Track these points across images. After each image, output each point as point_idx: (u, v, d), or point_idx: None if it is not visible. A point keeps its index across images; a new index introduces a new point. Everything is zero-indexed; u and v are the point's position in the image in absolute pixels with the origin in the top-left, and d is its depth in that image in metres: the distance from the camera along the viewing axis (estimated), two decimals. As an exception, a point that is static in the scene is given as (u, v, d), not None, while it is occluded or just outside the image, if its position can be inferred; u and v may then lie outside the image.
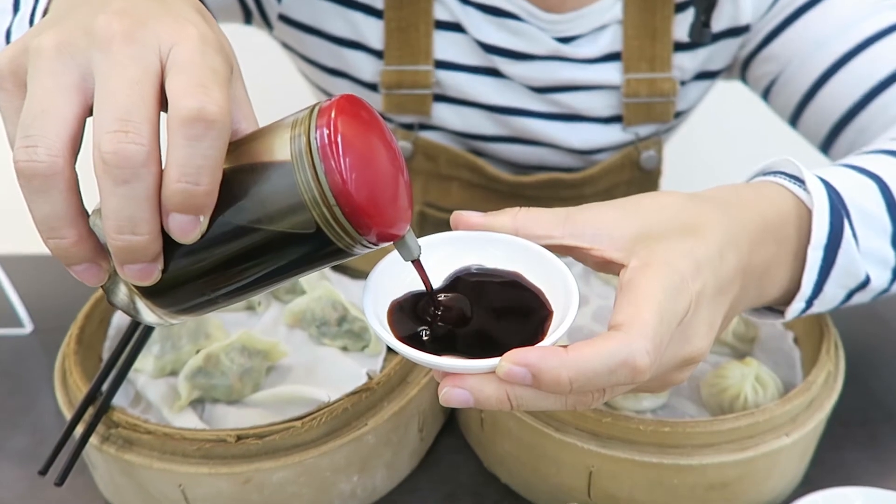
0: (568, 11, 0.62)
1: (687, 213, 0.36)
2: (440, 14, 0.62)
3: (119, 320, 0.55)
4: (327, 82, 0.68)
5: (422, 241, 0.34)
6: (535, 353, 0.29)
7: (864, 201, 0.43)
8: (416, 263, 0.33)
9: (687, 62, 0.64)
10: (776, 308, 0.44)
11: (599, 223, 0.35)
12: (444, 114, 0.66)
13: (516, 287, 0.34)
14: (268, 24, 0.66)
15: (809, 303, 0.42)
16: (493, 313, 0.34)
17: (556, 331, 0.31)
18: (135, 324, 0.50)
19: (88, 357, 0.51)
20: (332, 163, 0.27)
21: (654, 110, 0.65)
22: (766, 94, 0.65)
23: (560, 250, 0.35)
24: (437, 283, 0.35)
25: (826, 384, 0.45)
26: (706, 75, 0.66)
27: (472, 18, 0.62)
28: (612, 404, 0.47)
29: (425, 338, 0.33)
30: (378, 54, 0.63)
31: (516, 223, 0.35)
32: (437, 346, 0.32)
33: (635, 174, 0.69)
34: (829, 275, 0.41)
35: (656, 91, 0.64)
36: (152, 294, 0.31)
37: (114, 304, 0.33)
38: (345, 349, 0.53)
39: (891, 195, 0.44)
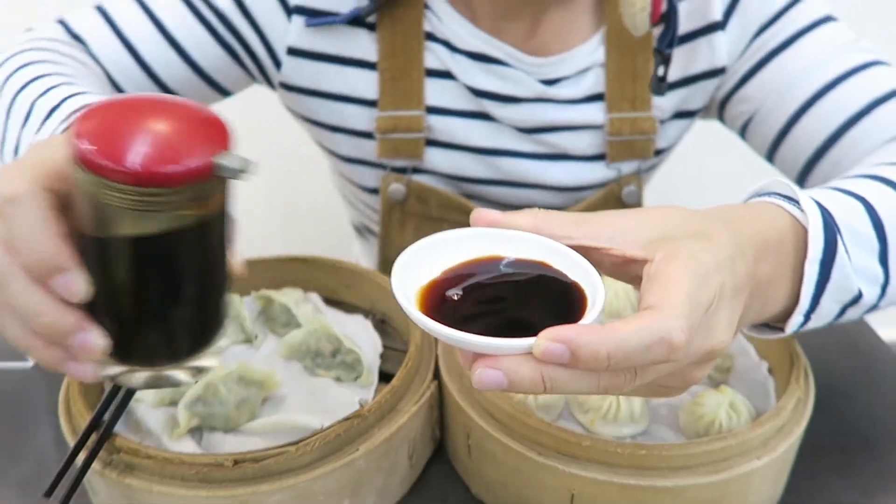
0: (552, 55, 0.66)
1: (697, 222, 0.37)
2: (430, 63, 0.66)
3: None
4: (327, 138, 0.72)
5: (447, 234, 0.36)
6: (573, 329, 0.30)
7: (853, 221, 0.46)
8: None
9: (665, 102, 0.68)
10: (774, 325, 0.46)
11: (617, 226, 0.37)
12: (436, 158, 0.69)
13: (544, 275, 0.35)
14: (272, 87, 0.71)
15: (807, 316, 0.44)
16: (523, 298, 0.35)
17: (590, 313, 0.32)
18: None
19: (91, 388, 0.53)
20: (78, 149, 0.31)
21: (635, 148, 0.69)
22: (742, 132, 0.69)
23: (578, 251, 0.36)
24: (464, 271, 0.36)
25: (796, 410, 0.48)
26: (684, 114, 0.70)
27: (461, 65, 0.66)
28: (593, 430, 0.50)
29: (456, 319, 0.32)
30: (372, 104, 0.67)
31: (536, 222, 0.36)
32: (468, 328, 0.32)
33: (618, 209, 0.72)
34: (825, 289, 0.44)
35: (638, 129, 0.68)
36: (130, 355, 0.35)
37: (140, 387, 0.36)
38: (338, 380, 0.55)
39: (877, 215, 0.47)
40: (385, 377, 0.55)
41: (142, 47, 0.64)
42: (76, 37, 0.64)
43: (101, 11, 0.65)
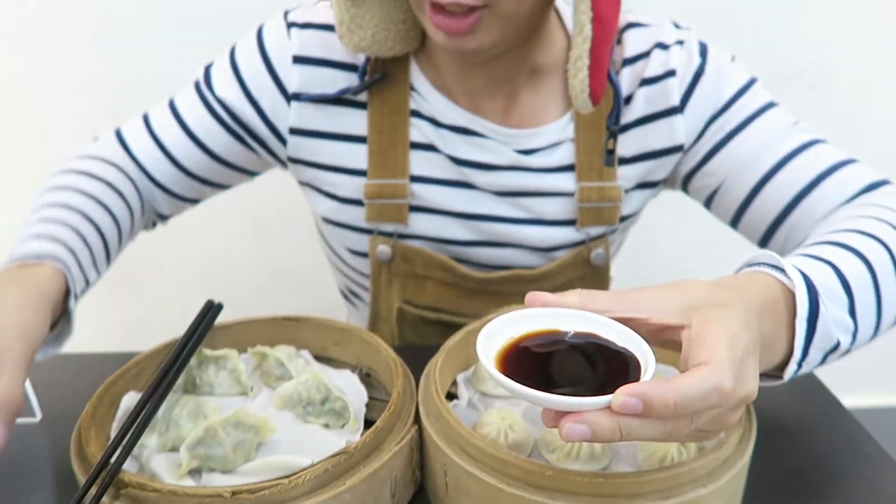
0: (527, 128, 0.74)
1: (714, 293, 0.45)
2: (415, 137, 0.75)
3: (127, 403, 0.62)
4: (324, 204, 0.80)
5: (512, 314, 0.44)
6: (644, 384, 0.38)
7: (827, 283, 0.53)
8: None
9: (630, 173, 0.76)
10: (773, 374, 0.53)
11: (648, 300, 0.44)
12: (420, 223, 0.77)
13: (597, 344, 0.43)
14: (284, 165, 0.80)
15: (800, 364, 0.52)
16: (583, 363, 0.42)
17: (648, 371, 0.40)
18: (142, 403, 0.57)
19: (98, 434, 0.57)
20: None
21: (602, 214, 0.76)
22: (707, 203, 0.78)
23: (620, 322, 0.44)
24: (528, 343, 0.44)
25: (739, 444, 0.53)
26: (647, 185, 0.78)
27: (444, 138, 0.74)
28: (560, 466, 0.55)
29: (531, 383, 0.39)
30: (363, 173, 0.75)
31: (582, 300, 0.44)
32: (546, 390, 0.39)
33: (587, 270, 0.79)
34: (812, 341, 0.51)
35: (605, 197, 0.75)
36: None
37: None
38: (327, 426, 0.60)
39: (843, 277, 0.55)
40: (370, 424, 0.60)
41: (170, 144, 0.77)
42: (123, 143, 0.78)
43: (145, 119, 0.79)
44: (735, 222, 0.76)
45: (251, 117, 0.76)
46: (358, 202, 0.77)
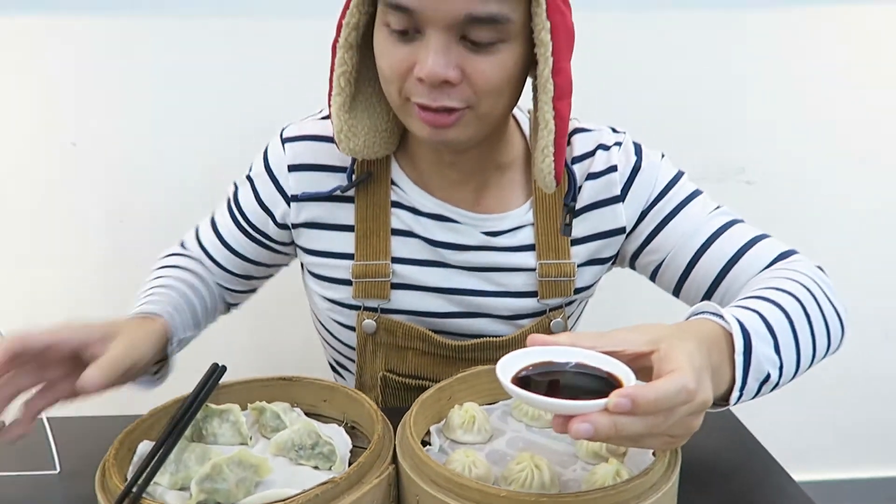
0: (493, 213, 0.87)
1: (672, 330, 0.58)
2: (396, 224, 0.87)
3: (143, 449, 0.71)
4: (319, 285, 0.92)
5: (518, 352, 0.56)
6: (630, 388, 0.49)
7: (755, 325, 0.65)
8: None
9: (581, 252, 0.89)
10: (718, 403, 0.63)
11: (623, 336, 0.57)
12: (401, 298, 0.88)
13: (588, 366, 0.55)
14: (296, 253, 0.94)
15: (741, 392, 0.63)
16: (579, 382, 0.54)
17: (631, 382, 0.51)
18: (156, 448, 0.66)
19: (118, 474, 0.66)
20: None
21: (559, 287, 0.89)
22: (653, 277, 0.90)
23: (603, 354, 0.56)
24: (532, 371, 0.56)
25: (665, 473, 0.63)
26: (596, 262, 0.91)
27: (423, 224, 0.87)
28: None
29: (544, 393, 0.51)
30: (351, 256, 0.87)
31: (572, 339, 0.56)
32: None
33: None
34: (749, 372, 0.63)
35: (561, 272, 0.88)
36: None
37: None
38: (316, 468, 0.70)
39: (767, 321, 0.66)
40: (354, 465, 0.69)
41: (212, 251, 0.95)
42: (185, 248, 0.98)
43: (196, 234, 0.97)
44: (677, 291, 0.89)
45: (266, 224, 0.92)
46: (347, 282, 0.89)
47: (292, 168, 0.88)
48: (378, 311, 0.89)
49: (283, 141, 0.89)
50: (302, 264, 0.95)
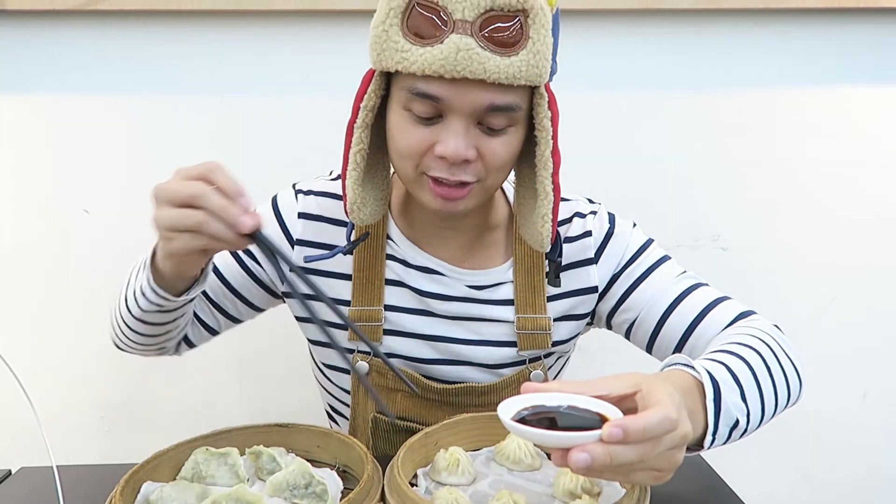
0: (477, 269, 0.95)
1: (652, 377, 0.64)
2: (389, 275, 0.95)
3: (145, 489, 0.75)
4: (315, 331, 0.99)
5: (517, 397, 0.62)
6: (621, 419, 0.55)
7: (722, 376, 0.71)
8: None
9: (557, 307, 0.96)
10: (692, 448, 0.68)
11: (607, 382, 0.62)
12: (392, 343, 0.95)
13: (578, 409, 0.61)
14: (282, 299, 1.00)
15: (714, 436, 0.68)
16: (572, 419, 0.59)
17: (618, 416, 0.57)
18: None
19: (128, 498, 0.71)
20: None
21: (536, 339, 0.95)
22: (627, 335, 0.97)
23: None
24: (528, 413, 0.61)
25: (638, 501, 0.68)
26: (572, 317, 0.97)
27: (412, 276, 0.94)
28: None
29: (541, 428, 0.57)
30: (348, 303, 0.94)
31: (561, 386, 0.62)
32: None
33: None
34: (720, 418, 0.68)
35: (538, 326, 0.94)
36: None
37: None
38: (309, 506, 0.74)
39: (733, 372, 0.73)
40: (345, 504, 0.73)
41: (213, 292, 0.98)
42: None
43: None
44: (650, 348, 0.95)
45: (266, 262, 0.97)
46: (343, 327, 0.95)
47: (302, 216, 0.96)
48: (371, 355, 0.95)
49: (297, 192, 0.98)
50: (297, 315, 1.00)
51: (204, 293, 0.97)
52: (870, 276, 1.59)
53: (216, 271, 0.97)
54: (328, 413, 1.11)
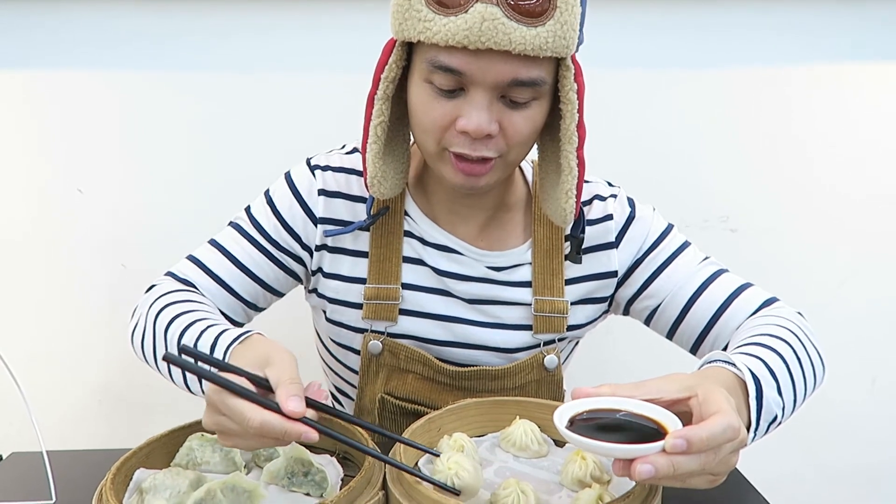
0: (495, 251, 0.92)
1: (701, 378, 0.64)
2: (407, 252, 0.92)
3: (138, 476, 0.72)
4: (331, 308, 0.95)
5: (568, 403, 0.60)
6: (684, 429, 0.54)
7: (761, 371, 0.70)
8: None
9: (575, 291, 0.93)
10: None
11: (658, 385, 0.61)
12: (407, 324, 0.92)
13: (634, 415, 0.59)
14: (309, 279, 0.97)
15: (755, 432, 0.67)
16: (627, 426, 0.58)
17: (676, 425, 0.56)
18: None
19: (114, 499, 0.68)
20: None
21: (553, 323, 0.92)
22: (647, 321, 0.95)
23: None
24: (581, 418, 0.60)
25: (647, 497, 0.65)
26: (589, 301, 0.95)
27: (430, 254, 0.92)
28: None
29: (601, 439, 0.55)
30: (363, 280, 0.92)
31: (613, 390, 0.61)
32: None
33: (542, 374, 0.93)
34: (761, 414, 0.67)
35: (555, 309, 0.92)
36: None
37: None
38: (308, 494, 0.71)
39: (770, 367, 0.72)
40: (345, 492, 0.71)
41: (221, 273, 0.92)
42: (185, 281, 0.91)
43: (194, 259, 0.93)
44: (671, 335, 0.94)
45: (288, 241, 0.92)
46: (357, 305, 0.92)
47: (322, 192, 0.92)
48: (384, 334, 0.92)
49: (313, 168, 0.94)
50: (314, 290, 0.96)
51: (232, 291, 0.92)
52: (880, 259, 1.55)
53: (243, 269, 0.92)
54: (332, 394, 1.08)
